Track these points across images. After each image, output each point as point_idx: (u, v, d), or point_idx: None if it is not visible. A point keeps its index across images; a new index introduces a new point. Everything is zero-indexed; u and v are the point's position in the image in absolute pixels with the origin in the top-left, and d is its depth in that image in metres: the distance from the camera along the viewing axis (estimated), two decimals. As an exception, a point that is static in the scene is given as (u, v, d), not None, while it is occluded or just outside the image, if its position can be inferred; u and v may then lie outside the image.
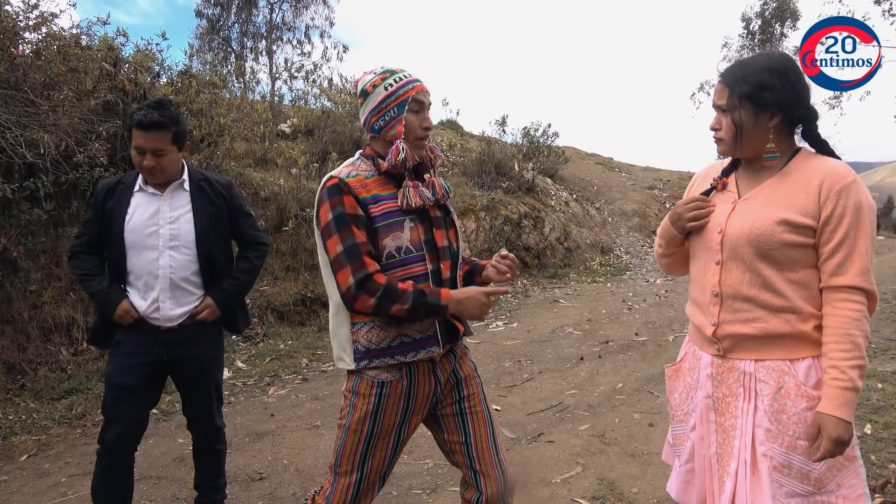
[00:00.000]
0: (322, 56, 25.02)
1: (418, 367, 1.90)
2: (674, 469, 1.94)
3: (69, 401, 4.60)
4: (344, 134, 10.22)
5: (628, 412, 4.21)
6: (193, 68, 8.18)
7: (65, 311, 5.49)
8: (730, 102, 1.69)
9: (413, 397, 1.90)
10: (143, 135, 2.36)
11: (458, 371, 2.02)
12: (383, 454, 1.92)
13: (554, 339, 6.30)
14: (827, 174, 1.59)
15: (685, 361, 1.89)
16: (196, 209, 2.52)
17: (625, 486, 3.15)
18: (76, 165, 5.35)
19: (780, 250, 1.59)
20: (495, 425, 2.07)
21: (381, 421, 1.88)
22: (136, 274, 2.46)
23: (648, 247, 12.70)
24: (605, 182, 15.96)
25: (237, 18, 24.07)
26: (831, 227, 1.56)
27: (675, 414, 1.91)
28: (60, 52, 5.14)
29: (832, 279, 1.56)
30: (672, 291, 8.84)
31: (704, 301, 1.75)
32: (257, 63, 24.10)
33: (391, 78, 1.90)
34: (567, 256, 10.83)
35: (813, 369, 1.60)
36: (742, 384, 1.67)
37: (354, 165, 1.93)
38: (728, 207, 1.73)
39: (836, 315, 1.55)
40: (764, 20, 30.50)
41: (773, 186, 1.66)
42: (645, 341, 6.11)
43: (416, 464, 3.51)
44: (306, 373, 5.44)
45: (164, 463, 3.66)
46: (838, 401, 1.49)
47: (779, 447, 1.59)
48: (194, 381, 2.65)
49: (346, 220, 1.80)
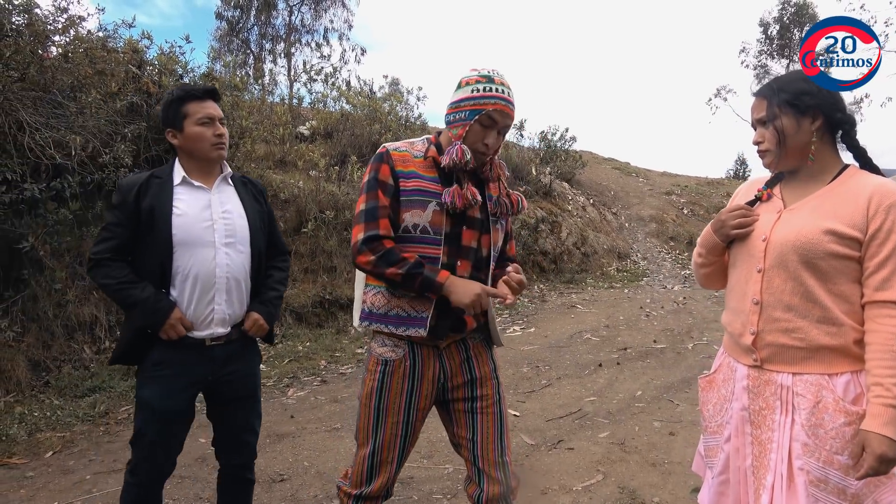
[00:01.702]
0: (340, 59, 25.23)
1: (422, 350, 1.97)
2: (706, 480, 1.92)
3: (92, 398, 4.66)
4: (363, 137, 10.26)
5: (648, 420, 4.19)
6: (215, 71, 8.28)
7: (88, 310, 5.56)
8: (770, 112, 1.70)
9: (418, 379, 1.97)
10: (201, 104, 2.20)
11: (475, 369, 2.04)
12: (394, 431, 1.98)
13: (572, 345, 6.28)
14: (876, 190, 1.58)
15: (719, 373, 1.87)
16: (245, 204, 2.34)
17: (646, 495, 3.13)
18: (102, 166, 5.43)
19: (824, 260, 1.58)
20: (505, 428, 2.08)
21: (386, 397, 1.97)
22: (186, 276, 2.17)
23: (666, 252, 12.63)
24: (622, 187, 15.90)
25: (256, 21, 24.34)
26: (879, 241, 1.55)
27: (709, 425, 1.90)
28: (88, 55, 5.22)
29: (877, 293, 1.55)
30: (690, 298, 8.78)
31: (744, 309, 1.73)
32: (276, 65, 24.32)
33: (484, 84, 1.91)
34: (584, 262, 10.79)
35: (852, 384, 1.58)
36: (779, 397, 1.65)
37: (411, 143, 2.02)
38: (773, 216, 1.72)
39: (880, 331, 1.53)
40: (782, 25, 30.30)
41: (821, 198, 1.66)
42: (663, 349, 6.08)
43: (437, 468, 3.52)
44: (325, 374, 5.47)
45: (186, 462, 3.69)
46: (883, 418, 1.47)
47: (815, 461, 1.58)
48: (239, 400, 2.36)
49: (375, 184, 1.90)
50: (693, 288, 9.91)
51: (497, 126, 1.92)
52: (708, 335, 6.61)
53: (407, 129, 10.94)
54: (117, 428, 4.24)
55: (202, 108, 2.20)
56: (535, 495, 3.17)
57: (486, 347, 2.11)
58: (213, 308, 2.22)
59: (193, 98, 2.20)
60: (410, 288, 1.89)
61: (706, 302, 8.56)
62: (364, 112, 10.74)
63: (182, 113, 2.19)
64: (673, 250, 12.90)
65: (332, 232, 7.60)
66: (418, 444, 3.79)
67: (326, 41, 25.84)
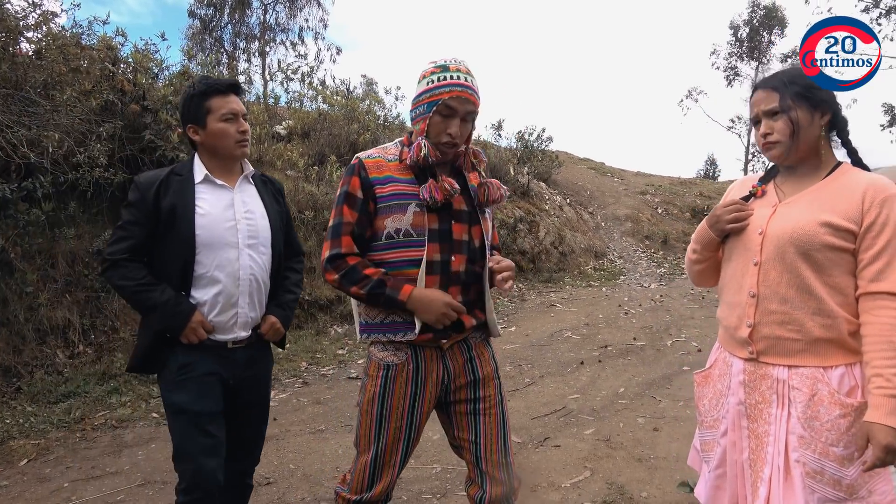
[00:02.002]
0: (315, 58, 25.06)
1: (425, 352, 1.93)
2: (702, 474, 1.94)
3: (67, 404, 4.54)
4: (340, 136, 10.20)
5: (632, 416, 4.22)
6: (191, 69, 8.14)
7: (61, 313, 5.43)
8: (783, 104, 1.70)
9: (421, 383, 1.93)
10: (225, 99, 2.10)
11: (478, 369, 2.01)
12: (397, 435, 1.94)
13: (553, 344, 6.31)
14: (870, 185, 1.61)
15: (715, 368, 1.89)
16: (266, 204, 2.26)
17: (634, 490, 3.16)
18: (76, 166, 5.30)
19: (821, 252, 1.60)
20: (508, 428, 2.06)
21: (388, 402, 1.92)
22: (210, 278, 2.08)
23: (642, 251, 12.78)
24: (598, 187, 16.04)
25: (230, 19, 24.03)
26: (873, 234, 1.57)
27: (705, 420, 1.91)
28: (62, 52, 5.09)
29: (872, 285, 1.57)
30: (667, 296, 8.90)
31: (740, 302, 1.74)
32: (250, 64, 24.04)
33: (438, 74, 1.88)
34: (562, 261, 10.86)
35: (846, 377, 1.61)
36: (775, 391, 1.67)
37: (384, 148, 2.00)
38: (769, 210, 1.74)
39: (876, 323, 1.55)
40: (752, 28, 30.88)
41: (816, 192, 1.68)
42: (643, 346, 6.14)
43: (424, 468, 3.50)
44: (306, 376, 5.41)
45: (168, 467, 3.61)
46: (886, 409, 1.49)
47: (812, 454, 1.60)
48: (255, 405, 2.30)
49: (343, 199, 1.91)
50: (669, 286, 10.04)
51: (458, 114, 1.87)
52: (686, 332, 6.70)
53: (386, 129, 10.90)
54: (94, 434, 4.14)
55: (226, 104, 2.10)
56: (525, 493, 3.17)
57: (488, 346, 2.10)
58: (237, 311, 2.14)
59: (217, 92, 2.10)
60: (376, 306, 1.91)
61: (682, 300, 8.68)
62: (342, 112, 10.67)
63: (205, 108, 2.09)
64: (648, 249, 13.06)
65: (311, 232, 7.53)
66: None
67: (301, 40, 25.69)
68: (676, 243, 13.68)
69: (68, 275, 5.60)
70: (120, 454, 3.82)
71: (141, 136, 6.32)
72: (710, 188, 18.59)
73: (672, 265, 12.14)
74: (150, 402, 4.73)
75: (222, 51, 23.72)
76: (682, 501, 3.04)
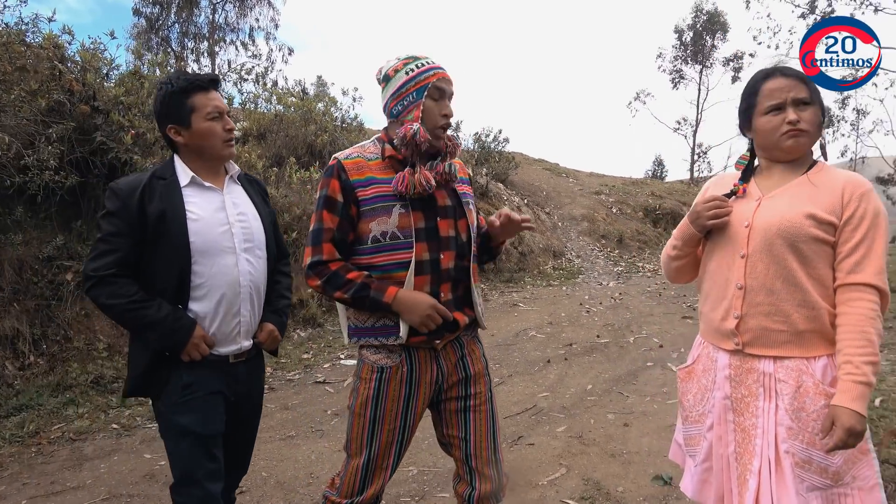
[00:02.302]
0: (266, 58, 24.62)
1: (419, 354, 1.92)
2: (687, 469, 1.98)
3: (20, 418, 4.33)
4: (298, 138, 10.05)
5: (602, 413, 4.29)
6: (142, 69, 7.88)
7: (9, 323, 5.17)
8: (815, 95, 1.74)
9: (415, 384, 1.92)
10: (208, 96, 1.96)
11: (469, 367, 2.02)
12: (390, 438, 1.93)
13: (518, 343, 6.36)
14: (848, 181, 1.68)
15: (698, 363, 1.93)
16: (256, 205, 2.15)
17: (610, 485, 3.21)
18: (24, 169, 5.07)
19: (807, 243, 1.66)
20: (497, 425, 2.07)
21: (382, 405, 1.91)
22: (209, 287, 1.96)
23: (598, 250, 13.01)
24: (554, 187, 16.26)
25: (177, 18, 23.37)
26: (852, 227, 1.64)
27: (689, 415, 1.95)
28: (7, 50, 4.86)
29: (849, 276, 1.63)
30: (626, 294, 9.08)
31: (727, 295, 1.78)
32: (199, 65, 23.43)
33: (413, 63, 1.89)
34: (521, 261, 10.96)
35: (829, 368, 1.67)
36: (762, 384, 1.72)
37: (363, 147, 1.97)
38: (753, 204, 1.78)
39: (851, 313, 1.62)
40: (696, 32, 31.80)
41: (798, 187, 1.74)
42: (607, 343, 6.25)
43: (401, 471, 3.47)
44: (271, 382, 5.30)
45: (133, 480, 3.49)
46: (852, 394, 1.56)
47: (800, 444, 1.65)
48: (250, 418, 2.22)
49: (322, 204, 1.88)
50: (627, 284, 10.25)
51: (446, 94, 1.92)
52: (647, 329, 6.85)
53: (344, 131, 10.79)
54: (51, 448, 3.96)
55: (210, 101, 1.97)
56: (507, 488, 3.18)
57: (478, 343, 2.10)
58: (240, 320, 2.04)
59: (199, 89, 1.96)
60: (362, 309, 1.90)
61: (641, 297, 8.87)
62: (298, 113, 10.50)
63: (188, 106, 1.95)
64: (605, 248, 13.30)
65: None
66: (379, 448, 3.73)
67: (252, 40, 25.18)
68: (631, 242, 13.98)
69: (16, 283, 5.34)
70: (80, 468, 3.66)
71: (92, 137, 6.09)
72: (660, 188, 19.08)
73: (628, 263, 12.40)
74: (108, 412, 4.56)
75: (169, 50, 23.06)
76: (657, 495, 3.10)
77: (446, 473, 3.42)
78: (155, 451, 3.87)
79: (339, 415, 4.43)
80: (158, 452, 3.86)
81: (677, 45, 32.45)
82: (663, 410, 4.28)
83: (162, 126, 2.01)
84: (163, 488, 3.39)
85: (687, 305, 8.19)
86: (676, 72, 32.68)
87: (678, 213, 16.32)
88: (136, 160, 6.28)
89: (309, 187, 8.43)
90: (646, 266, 12.28)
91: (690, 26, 31.80)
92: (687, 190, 20.22)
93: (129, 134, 6.25)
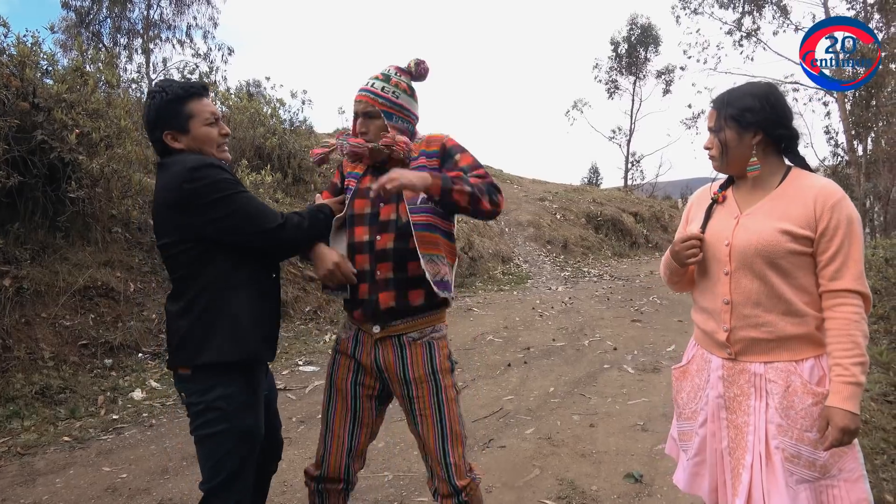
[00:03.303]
0: (205, 58, 23.95)
1: (363, 335, 2.13)
2: (680, 462, 2.07)
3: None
4: (246, 140, 9.84)
5: (567, 414, 4.39)
6: (84, 66, 7.53)
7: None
8: (717, 124, 1.91)
9: (358, 357, 2.13)
10: (202, 102, 2.04)
11: (408, 370, 2.07)
12: (344, 407, 2.14)
13: (477, 347, 6.42)
14: (820, 191, 1.79)
15: (692, 363, 2.03)
16: None
17: (584, 484, 3.29)
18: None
19: (785, 258, 1.77)
20: (446, 428, 2.09)
21: (336, 373, 2.17)
22: None
23: (545, 256, 13.27)
24: (500, 193, 16.47)
25: (109, 13, 22.42)
26: (827, 238, 1.75)
27: (683, 412, 2.04)
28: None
29: (831, 283, 1.75)
30: (575, 298, 9.30)
31: (715, 309, 1.89)
32: (132, 62, 22.57)
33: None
34: (472, 266, 11.07)
35: (816, 368, 1.79)
36: (753, 384, 1.83)
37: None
38: (732, 222, 1.89)
39: (836, 318, 1.74)
40: (630, 45, 32.89)
41: (772, 202, 1.85)
42: (563, 346, 6.40)
43: (376, 477, 3.46)
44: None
45: (94, 494, 3.34)
46: (843, 394, 1.68)
47: (789, 440, 1.76)
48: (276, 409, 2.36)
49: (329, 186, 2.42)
50: (575, 288, 10.51)
51: (358, 115, 2.15)
52: (599, 332, 7.04)
53: (293, 133, 10.62)
54: None
55: (206, 107, 2.03)
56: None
57: (428, 349, 2.08)
58: None
59: (195, 95, 2.02)
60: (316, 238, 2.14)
61: (590, 301, 9.11)
62: (246, 115, 10.26)
63: (186, 113, 1.99)
64: (550, 253, 13.58)
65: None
66: (352, 455, 3.70)
67: (190, 39, 24.42)
68: (575, 248, 14.32)
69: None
70: (34, 483, 3.47)
71: (31, 136, 5.79)
72: (600, 195, 19.62)
73: (574, 269, 12.70)
74: (57, 425, 4.33)
75: (100, 46, 22.08)
76: (629, 492, 3.21)
77: (421, 478, 3.43)
78: (114, 464, 3.71)
79: (305, 422, 4.37)
80: (118, 465, 3.70)
81: (613, 57, 33.43)
82: (626, 411, 4.42)
83: (156, 132, 2.01)
84: (126, 502, 3.26)
85: (634, 309, 8.46)
86: (612, 82, 33.66)
87: (618, 219, 16.84)
88: (81, 160, 6.00)
89: (261, 190, 8.25)
90: (591, 271, 12.62)
91: (626, 38, 32.84)
92: (625, 197, 20.89)
93: (74, 133, 5.97)
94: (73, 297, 5.63)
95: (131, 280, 6.24)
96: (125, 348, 5.61)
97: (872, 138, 19.41)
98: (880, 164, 17.89)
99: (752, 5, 22.10)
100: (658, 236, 17.49)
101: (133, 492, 3.35)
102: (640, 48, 33.01)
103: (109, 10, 22.54)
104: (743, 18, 22.49)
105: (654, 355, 5.98)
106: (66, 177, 6.01)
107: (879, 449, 3.57)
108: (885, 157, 17.55)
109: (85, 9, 21.90)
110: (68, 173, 6.04)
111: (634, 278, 11.69)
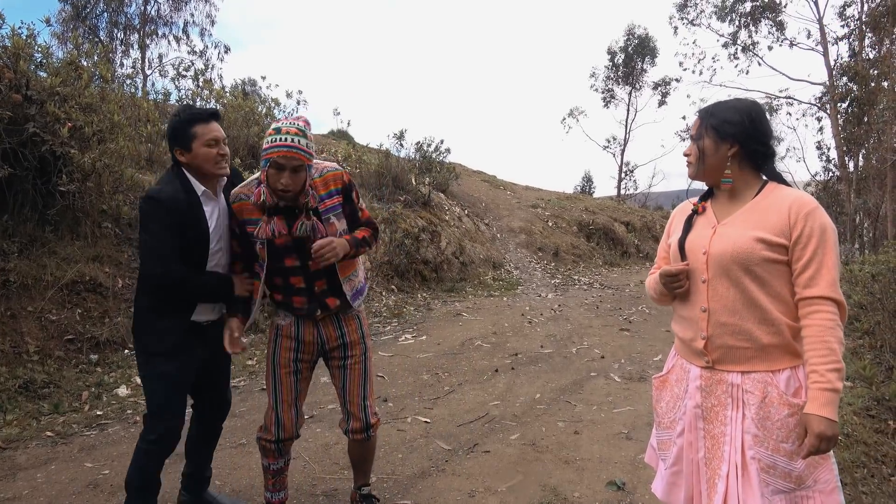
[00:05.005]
0: (201, 55, 23.90)
1: (304, 321, 2.66)
2: (658, 471, 2.09)
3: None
4: (239, 139, 9.81)
5: (552, 421, 4.40)
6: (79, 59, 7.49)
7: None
8: (698, 132, 1.97)
9: (301, 339, 2.66)
10: (207, 126, 2.51)
11: (346, 336, 2.70)
12: (288, 379, 2.67)
13: (465, 352, 6.43)
14: (794, 201, 1.82)
15: (672, 373, 2.05)
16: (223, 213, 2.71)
17: (566, 491, 3.31)
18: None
19: (760, 266, 1.80)
20: (368, 380, 2.76)
21: (278, 353, 2.67)
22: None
23: (536, 262, 13.30)
24: (493, 199, 16.52)
25: (107, 7, 22.33)
26: (801, 246, 1.78)
27: (662, 421, 2.06)
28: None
29: (805, 290, 1.78)
30: (565, 306, 9.33)
31: (693, 317, 1.92)
32: (128, 57, 22.48)
33: (272, 136, 2.32)
34: (462, 270, 11.08)
35: (792, 379, 1.81)
36: (730, 395, 1.85)
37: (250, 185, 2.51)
38: (709, 231, 1.92)
39: (812, 325, 1.76)
40: (627, 55, 33.09)
41: (748, 212, 1.89)
42: (551, 353, 6.41)
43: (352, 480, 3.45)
44: (215, 389, 5.14)
45: (75, 490, 3.32)
46: (820, 401, 1.70)
47: (765, 450, 1.79)
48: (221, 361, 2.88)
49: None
50: (565, 296, 10.53)
51: (286, 168, 2.32)
52: (587, 340, 7.07)
53: (287, 134, 10.56)
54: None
55: (209, 131, 2.51)
56: (464, 498, 3.22)
57: (356, 319, 2.73)
58: None
59: (200, 120, 2.51)
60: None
61: (580, 309, 9.14)
62: (240, 114, 10.24)
63: (190, 134, 2.49)
64: (542, 260, 13.61)
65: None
66: (337, 457, 3.72)
67: (186, 35, 24.36)
68: (566, 255, 14.37)
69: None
70: (14, 478, 3.45)
71: (23, 128, 5.76)
72: (593, 204, 19.70)
73: (564, 276, 12.73)
74: (40, 420, 4.31)
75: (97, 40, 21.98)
76: (611, 500, 3.23)
77: (405, 481, 3.44)
78: (96, 460, 3.69)
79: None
80: (100, 461, 3.68)
81: (610, 66, 33.62)
82: (610, 419, 4.44)
83: (171, 147, 2.56)
84: (108, 498, 3.25)
85: (623, 318, 8.49)
86: (608, 91, 33.85)
87: (610, 228, 16.91)
88: (73, 154, 5.98)
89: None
90: (581, 279, 12.65)
91: (622, 48, 33.04)
92: (617, 206, 20.98)
93: (66, 126, 5.95)
94: (61, 292, 5.60)
95: (119, 276, 6.21)
96: (111, 344, 5.58)
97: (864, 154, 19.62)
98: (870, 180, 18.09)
99: (748, 18, 22.30)
100: (649, 246, 17.57)
101: (115, 488, 3.33)
102: (637, 58, 33.20)
103: (107, 3, 22.44)
104: (739, 32, 22.70)
105: (641, 364, 6.01)
106: (56, 170, 5.98)
107: (860, 462, 3.60)
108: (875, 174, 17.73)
109: (82, 2, 21.79)
110: (59, 167, 6.01)
111: (624, 287, 11.73)
